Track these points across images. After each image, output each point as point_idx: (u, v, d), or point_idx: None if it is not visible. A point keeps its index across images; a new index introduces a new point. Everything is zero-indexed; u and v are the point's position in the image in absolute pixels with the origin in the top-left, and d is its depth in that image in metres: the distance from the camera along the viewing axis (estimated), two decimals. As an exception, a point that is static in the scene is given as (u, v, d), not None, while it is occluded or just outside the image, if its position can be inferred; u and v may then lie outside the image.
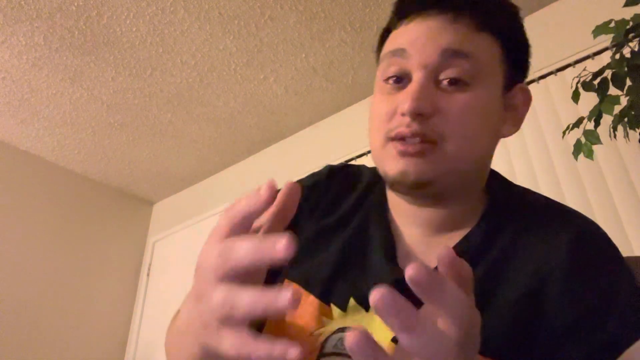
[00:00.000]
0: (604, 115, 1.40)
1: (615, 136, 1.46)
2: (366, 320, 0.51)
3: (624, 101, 1.39)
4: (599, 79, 1.42)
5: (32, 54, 2.37)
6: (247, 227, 0.34)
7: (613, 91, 1.39)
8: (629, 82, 1.36)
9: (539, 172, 1.96)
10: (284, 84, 2.62)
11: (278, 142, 3.14)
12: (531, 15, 2.22)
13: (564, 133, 1.54)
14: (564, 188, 1.88)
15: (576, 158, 1.48)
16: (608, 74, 1.40)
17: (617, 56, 1.38)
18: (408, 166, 0.50)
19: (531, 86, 2.09)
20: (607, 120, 1.44)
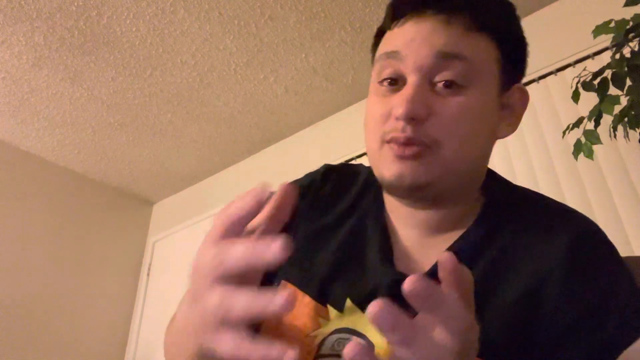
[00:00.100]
0: (604, 115, 1.40)
1: (615, 136, 1.46)
2: (363, 322, 0.51)
3: (624, 101, 1.39)
4: (599, 79, 1.42)
5: (32, 54, 2.37)
6: (241, 229, 0.33)
7: (613, 91, 1.39)
8: (629, 82, 1.36)
9: (539, 172, 1.96)
10: (284, 84, 2.62)
11: (278, 142, 3.14)
12: (531, 15, 2.22)
13: (564, 133, 1.54)
14: (564, 188, 1.88)
15: (576, 158, 1.48)
16: (608, 74, 1.40)
17: (617, 56, 1.37)
18: (404, 170, 0.50)
19: (531, 86, 2.09)
20: (607, 120, 1.44)
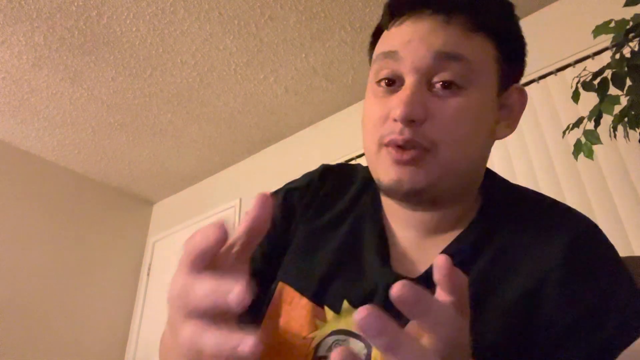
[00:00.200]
0: (604, 115, 1.40)
1: (615, 136, 1.46)
2: None
3: (624, 101, 1.40)
4: (599, 79, 1.42)
5: (32, 54, 2.37)
6: (207, 261, 0.33)
7: (613, 91, 1.39)
8: (629, 82, 1.36)
9: (539, 172, 1.96)
10: (284, 84, 2.62)
11: (278, 142, 3.14)
12: (531, 15, 2.22)
13: (564, 133, 1.54)
14: (564, 188, 1.88)
15: (576, 158, 1.48)
16: (608, 74, 1.41)
17: (617, 56, 1.38)
18: (402, 175, 0.50)
19: (531, 86, 2.09)
20: (607, 120, 1.44)
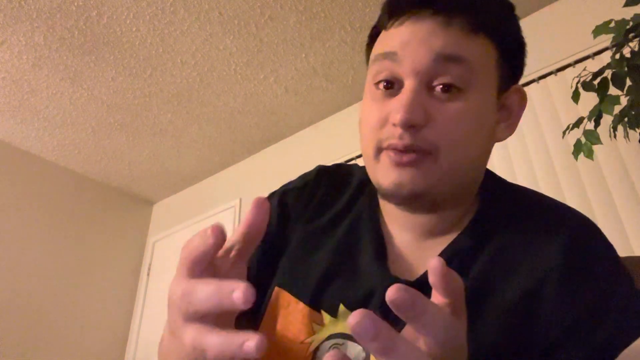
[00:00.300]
0: (604, 115, 1.40)
1: (615, 136, 1.46)
2: None
3: (624, 101, 1.40)
4: (599, 79, 1.42)
5: (32, 54, 2.37)
6: (205, 265, 0.33)
7: (613, 91, 1.39)
8: (629, 82, 1.36)
9: (539, 172, 1.96)
10: (284, 84, 2.62)
11: (278, 142, 3.14)
12: (531, 15, 2.22)
13: (564, 133, 1.54)
14: (564, 188, 1.88)
15: (576, 158, 1.48)
16: (608, 74, 1.41)
17: (617, 56, 1.38)
18: (402, 177, 0.49)
19: (531, 86, 2.10)
20: (607, 120, 1.44)
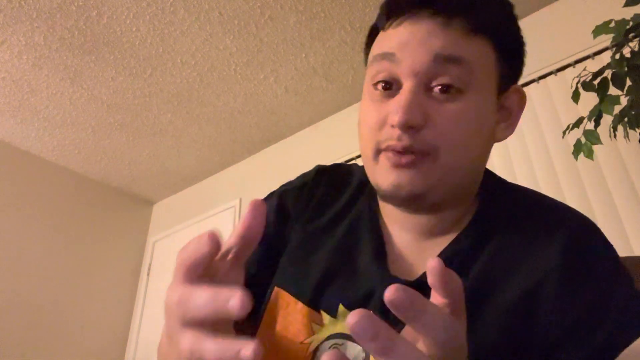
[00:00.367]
0: (604, 115, 1.40)
1: (615, 136, 1.46)
2: None
3: (624, 101, 1.40)
4: (599, 79, 1.42)
5: (32, 54, 2.37)
6: (201, 270, 0.33)
7: (613, 91, 1.39)
8: (629, 82, 1.36)
9: (539, 172, 1.96)
10: (284, 84, 2.62)
11: (278, 142, 3.14)
12: (531, 15, 2.22)
13: (564, 133, 1.54)
14: (564, 188, 1.88)
15: (576, 158, 1.48)
16: (608, 74, 1.41)
17: (617, 56, 1.38)
18: (401, 179, 0.49)
19: (531, 86, 2.10)
20: (607, 120, 1.44)
